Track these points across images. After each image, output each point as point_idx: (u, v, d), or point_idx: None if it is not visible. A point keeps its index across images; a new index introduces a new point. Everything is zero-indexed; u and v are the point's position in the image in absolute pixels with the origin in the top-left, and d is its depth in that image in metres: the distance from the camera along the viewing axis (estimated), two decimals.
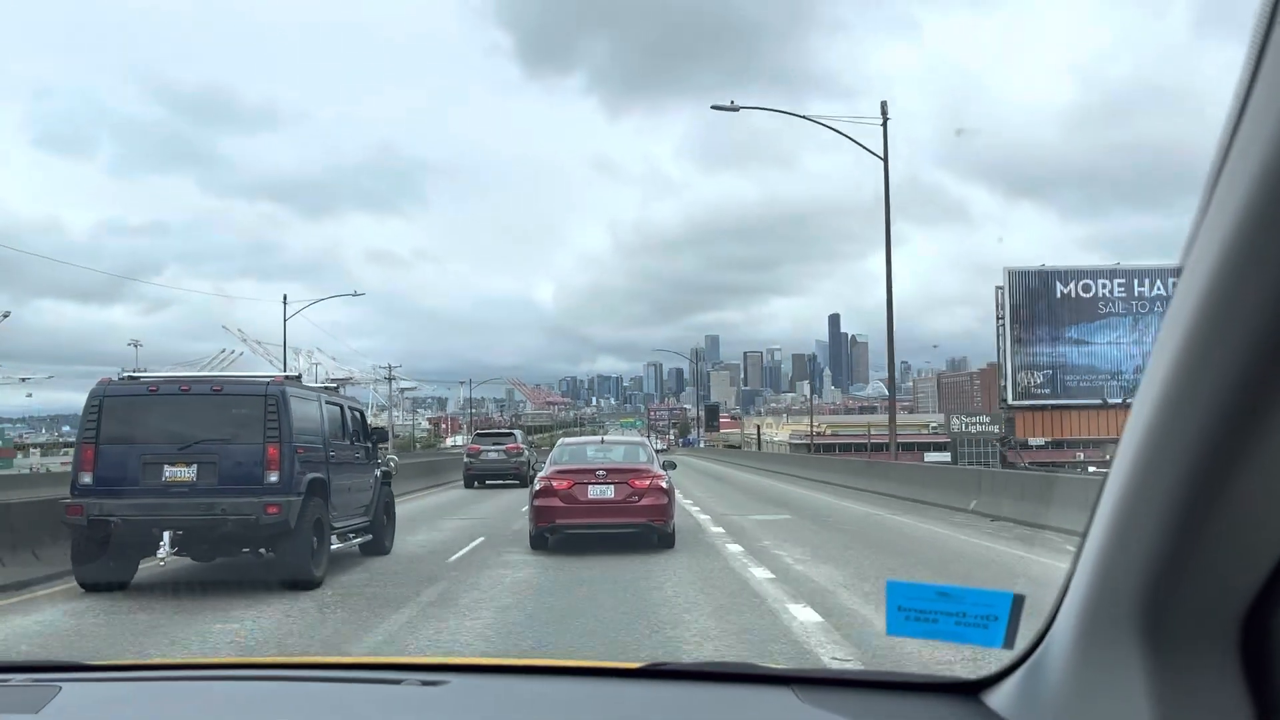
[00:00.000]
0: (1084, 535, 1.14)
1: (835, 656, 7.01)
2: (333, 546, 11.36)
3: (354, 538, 12.53)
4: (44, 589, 10.58)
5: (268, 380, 11.04)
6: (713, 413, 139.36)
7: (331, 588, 10.58)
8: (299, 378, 12.59)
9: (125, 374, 11.40)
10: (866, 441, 79.44)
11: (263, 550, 10.64)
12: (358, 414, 13.58)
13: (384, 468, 14.22)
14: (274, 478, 10.23)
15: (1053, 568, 11.05)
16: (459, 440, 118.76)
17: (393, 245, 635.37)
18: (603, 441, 16.07)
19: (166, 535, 10.00)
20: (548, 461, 14.50)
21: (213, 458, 10.25)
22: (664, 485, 13.43)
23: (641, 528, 13.20)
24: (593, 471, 13.49)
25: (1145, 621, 1.07)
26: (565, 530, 13.26)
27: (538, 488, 13.58)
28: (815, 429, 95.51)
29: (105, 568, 10.33)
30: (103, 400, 10.45)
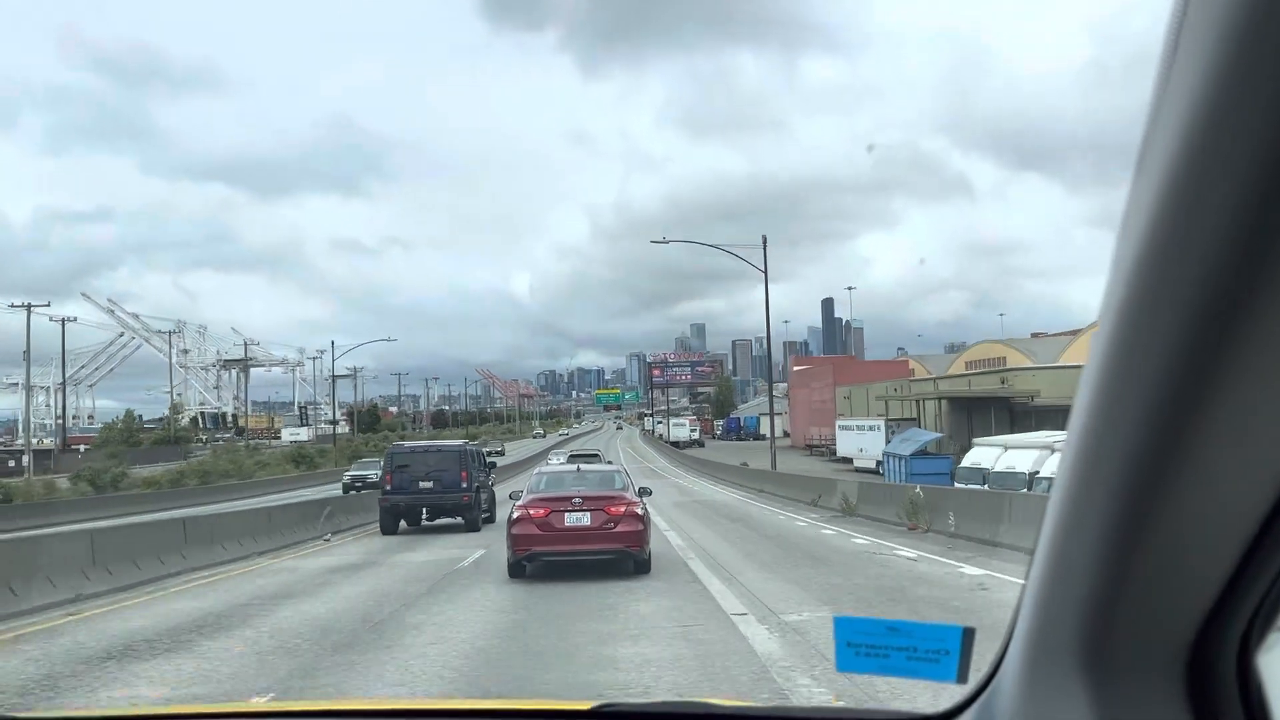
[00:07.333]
0: (1030, 564, 1.11)
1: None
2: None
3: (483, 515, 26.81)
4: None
5: (462, 443, 25.63)
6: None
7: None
8: (469, 441, 26.96)
9: (399, 442, 25.96)
10: None
11: (457, 517, 24.93)
12: (482, 453, 27.93)
13: (491, 480, 28.62)
14: (464, 485, 24.47)
15: None
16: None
17: (357, 232, 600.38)
18: (579, 470, 16.37)
19: (424, 510, 24.36)
20: (525, 490, 14.89)
21: (440, 476, 24.50)
22: (639, 511, 13.73)
23: (618, 553, 13.53)
24: (569, 499, 13.72)
25: (1087, 653, 1.05)
26: (542, 558, 13.57)
27: (515, 516, 13.82)
28: None
29: (391, 524, 24.54)
30: (393, 454, 25.01)
